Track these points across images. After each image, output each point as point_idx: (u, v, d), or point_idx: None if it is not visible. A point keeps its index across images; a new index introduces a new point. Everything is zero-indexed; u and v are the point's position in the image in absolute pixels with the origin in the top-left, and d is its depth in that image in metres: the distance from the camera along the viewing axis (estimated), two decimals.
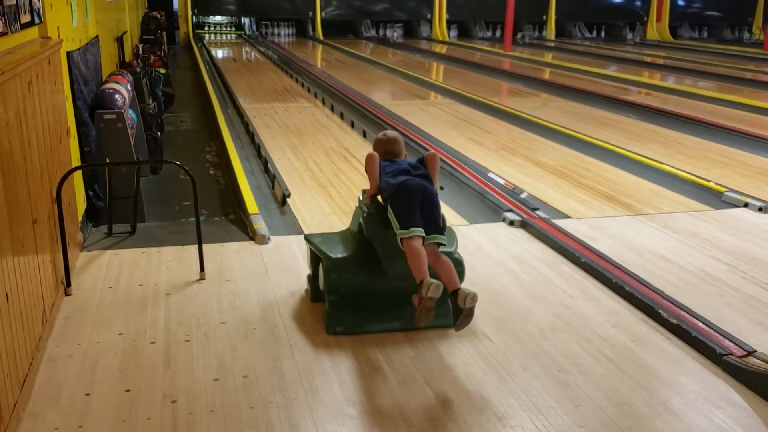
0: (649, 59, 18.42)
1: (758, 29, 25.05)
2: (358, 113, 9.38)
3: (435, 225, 3.30)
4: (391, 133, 3.74)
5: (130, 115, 5.76)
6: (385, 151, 3.59)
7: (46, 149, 3.62)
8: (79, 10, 5.30)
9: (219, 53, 18.47)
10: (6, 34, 3.19)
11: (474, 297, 3.09)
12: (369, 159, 3.48)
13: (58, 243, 3.72)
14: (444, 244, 3.31)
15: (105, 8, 7.56)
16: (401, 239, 3.22)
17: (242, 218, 5.09)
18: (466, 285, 3.63)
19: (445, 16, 23.20)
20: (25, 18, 3.55)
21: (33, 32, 3.85)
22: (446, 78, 14.33)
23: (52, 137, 3.80)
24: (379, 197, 3.46)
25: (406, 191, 3.29)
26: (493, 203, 5.41)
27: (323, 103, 10.39)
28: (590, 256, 4.26)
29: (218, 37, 22.82)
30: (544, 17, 24.20)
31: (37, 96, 3.45)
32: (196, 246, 4.03)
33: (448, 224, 3.48)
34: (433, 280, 3.09)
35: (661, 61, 17.91)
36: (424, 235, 3.22)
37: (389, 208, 3.31)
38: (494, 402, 2.84)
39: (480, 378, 3.01)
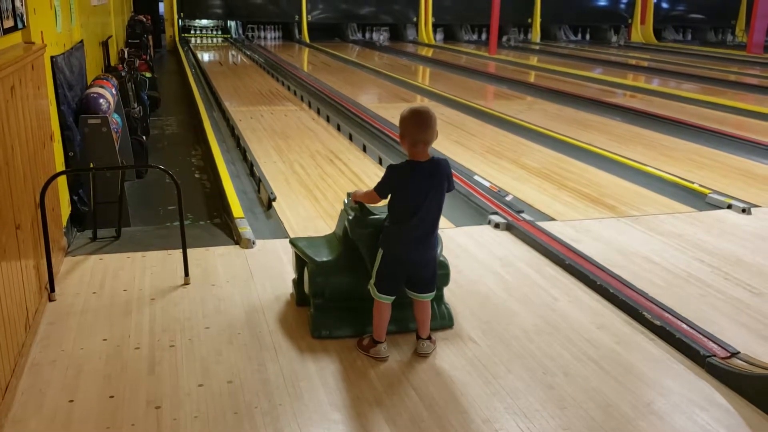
0: (633, 62, 18.55)
1: (741, 31, 25.27)
2: (344, 116, 9.38)
3: (425, 284, 3.20)
4: (423, 113, 3.08)
5: (115, 119, 5.73)
6: (416, 140, 3.04)
7: (30, 154, 3.60)
8: (63, 14, 5.28)
9: (205, 57, 18.43)
10: None
11: (429, 353, 3.24)
12: (370, 198, 3.24)
13: (42, 248, 3.70)
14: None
15: (90, 12, 7.52)
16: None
17: (227, 222, 5.08)
18: (451, 287, 3.67)
19: (431, 19, 23.26)
20: (8, 23, 3.53)
21: (16, 37, 3.83)
22: (432, 81, 14.36)
23: (36, 142, 3.78)
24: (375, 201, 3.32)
25: (400, 264, 3.15)
26: (478, 206, 5.43)
27: (309, 106, 10.39)
28: (575, 258, 4.28)
29: (204, 41, 22.76)
30: (529, 20, 24.31)
31: (20, 101, 3.43)
32: (181, 250, 4.02)
33: None
34: (385, 351, 3.19)
35: (645, 64, 18.02)
36: (391, 301, 3.20)
37: (379, 251, 3.17)
38: (479, 405, 2.84)
39: (465, 381, 3.02)
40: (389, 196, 3.16)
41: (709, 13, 25.82)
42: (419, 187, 3.06)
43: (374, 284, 3.19)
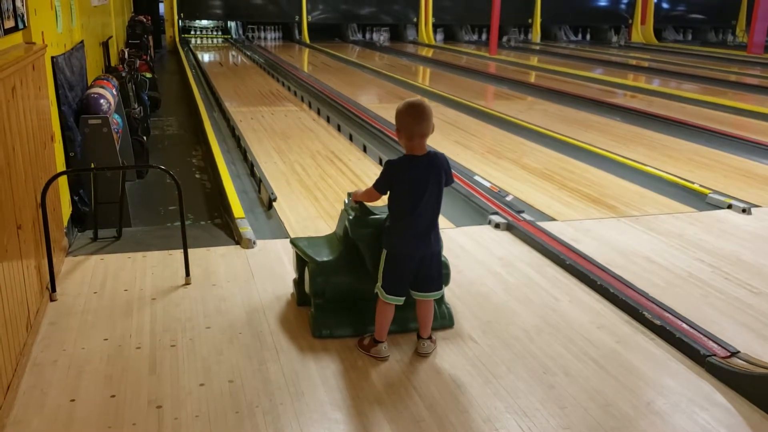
0: (633, 62, 18.55)
1: (741, 32, 25.28)
2: (345, 117, 9.39)
3: (431, 282, 3.18)
4: (419, 105, 3.10)
5: (116, 119, 5.74)
6: (412, 133, 3.06)
7: (31, 154, 3.61)
8: (63, 14, 5.28)
9: (205, 57, 18.44)
10: None
11: (429, 353, 3.24)
12: (370, 195, 3.25)
13: (43, 248, 3.70)
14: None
15: (90, 12, 7.53)
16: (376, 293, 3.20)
17: (228, 222, 5.08)
18: (452, 287, 3.68)
19: (431, 19, 23.27)
20: (9, 23, 3.54)
21: (17, 37, 3.83)
22: (432, 81, 14.36)
23: (37, 142, 3.79)
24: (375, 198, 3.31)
25: (405, 261, 3.12)
26: (478, 206, 5.43)
27: (309, 106, 10.40)
28: (575, 258, 4.29)
29: (204, 41, 22.77)
30: (530, 20, 24.32)
31: (21, 101, 3.44)
32: (182, 250, 4.02)
33: None
34: (386, 351, 3.18)
35: (645, 64, 18.02)
36: (401, 303, 3.19)
37: (383, 252, 3.17)
38: (480, 405, 2.85)
39: (466, 381, 3.02)
40: (388, 193, 3.15)
41: (709, 14, 25.84)
42: (418, 181, 3.06)
43: (382, 287, 3.17)
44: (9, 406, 2.74)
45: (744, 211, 5.38)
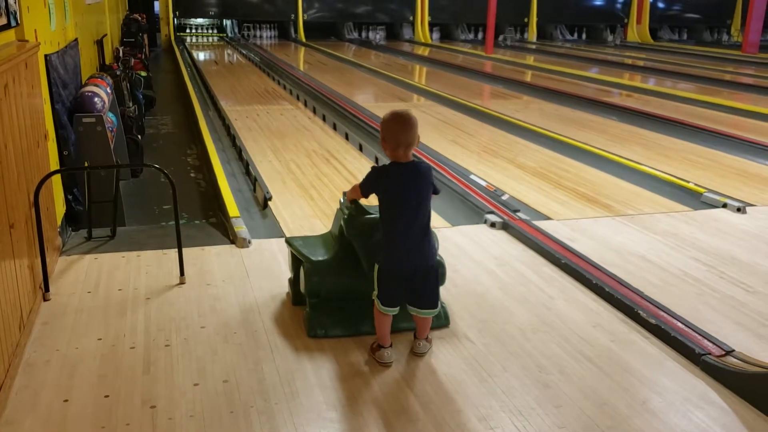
0: (629, 61, 18.57)
1: (736, 31, 25.33)
2: (341, 115, 9.38)
3: (425, 298, 3.14)
4: (405, 114, 3.11)
5: (110, 118, 5.72)
6: (398, 142, 3.05)
7: (24, 153, 3.59)
8: (57, 12, 5.26)
9: (200, 56, 18.40)
10: None
11: (425, 352, 3.23)
12: (355, 192, 3.26)
13: (36, 248, 3.69)
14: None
15: (84, 10, 7.50)
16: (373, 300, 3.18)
17: (223, 221, 5.07)
18: (447, 286, 3.67)
19: (427, 18, 23.27)
20: (1, 21, 3.52)
21: (9, 35, 3.81)
22: (428, 80, 14.36)
23: (30, 141, 3.77)
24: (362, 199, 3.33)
25: (395, 278, 3.09)
26: (474, 205, 5.43)
27: (305, 105, 10.38)
28: (571, 257, 4.28)
29: (200, 40, 22.74)
30: (526, 20, 24.33)
31: (14, 99, 3.42)
32: (177, 250, 4.01)
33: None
34: (389, 356, 3.14)
35: (641, 63, 18.04)
36: (397, 312, 3.16)
37: (375, 268, 3.14)
38: (475, 403, 2.84)
39: (461, 379, 3.02)
40: (379, 204, 3.14)
41: (704, 13, 25.89)
42: (403, 187, 3.05)
43: (377, 297, 3.15)
44: (1, 407, 2.73)
45: (739, 210, 5.38)
